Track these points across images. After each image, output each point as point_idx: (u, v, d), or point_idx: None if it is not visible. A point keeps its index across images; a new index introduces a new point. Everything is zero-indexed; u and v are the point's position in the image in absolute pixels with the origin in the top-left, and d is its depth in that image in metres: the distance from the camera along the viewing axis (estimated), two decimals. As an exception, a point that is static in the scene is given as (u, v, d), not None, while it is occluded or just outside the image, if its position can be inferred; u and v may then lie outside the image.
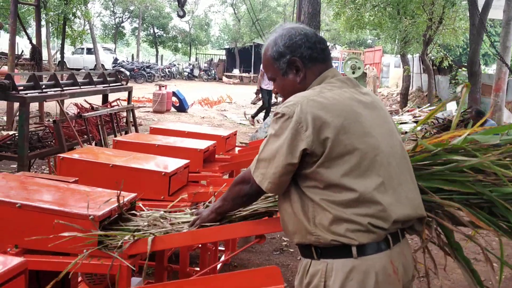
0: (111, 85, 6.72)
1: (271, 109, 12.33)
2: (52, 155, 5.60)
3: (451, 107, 12.90)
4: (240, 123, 12.34)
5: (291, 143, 1.52)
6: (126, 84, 7.36)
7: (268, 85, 11.67)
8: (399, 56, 18.12)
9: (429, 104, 13.90)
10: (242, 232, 1.88)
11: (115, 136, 6.62)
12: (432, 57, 15.81)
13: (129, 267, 1.87)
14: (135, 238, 1.93)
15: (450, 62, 15.85)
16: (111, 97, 7.22)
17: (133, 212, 2.19)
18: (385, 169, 1.55)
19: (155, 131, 4.13)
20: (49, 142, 5.57)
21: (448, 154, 1.80)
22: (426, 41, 14.12)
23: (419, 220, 1.65)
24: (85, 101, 6.84)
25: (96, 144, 6.10)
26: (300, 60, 1.67)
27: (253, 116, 12.52)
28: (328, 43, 1.77)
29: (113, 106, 7.03)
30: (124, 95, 7.23)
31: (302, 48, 1.66)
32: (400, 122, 11.93)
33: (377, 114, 1.65)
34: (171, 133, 4.05)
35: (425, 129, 10.54)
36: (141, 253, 1.95)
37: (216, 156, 3.82)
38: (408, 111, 13.65)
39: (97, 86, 6.45)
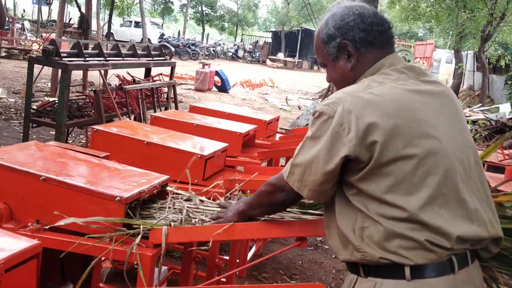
0: (154, 59, 6.60)
1: None
2: (90, 125, 5.55)
3: (505, 109, 12.22)
4: (281, 108, 12.10)
5: (330, 148, 1.31)
6: (170, 59, 7.24)
7: None
8: (451, 51, 17.36)
9: (480, 104, 13.22)
10: (282, 233, 1.67)
11: (155, 111, 6.53)
12: (489, 55, 15.00)
13: (152, 256, 1.70)
14: (157, 226, 1.76)
15: (507, 61, 15.01)
16: (154, 71, 7.13)
17: (165, 195, 2.02)
18: (448, 177, 1.29)
19: (194, 109, 3.97)
20: (88, 112, 5.52)
21: None
22: (484, 37, 13.36)
23: (495, 241, 1.38)
24: (128, 73, 6.77)
25: (135, 119, 6.03)
26: (352, 44, 1.43)
27: None
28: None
29: (155, 80, 6.93)
30: (167, 70, 7.12)
31: (355, 30, 1.42)
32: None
33: (445, 109, 1.39)
34: (211, 113, 3.87)
35: (476, 130, 10.01)
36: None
37: (256, 141, 3.61)
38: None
39: (140, 59, 6.34)
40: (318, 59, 1.55)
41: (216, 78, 13.88)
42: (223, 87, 13.85)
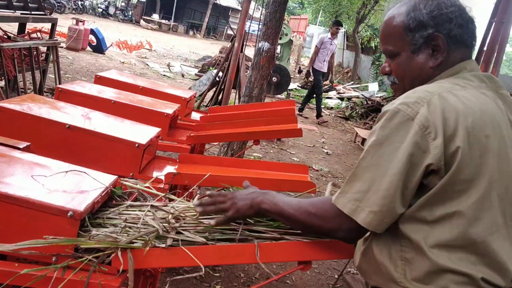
0: (33, 13, 5.69)
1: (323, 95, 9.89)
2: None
3: (374, 87, 13.20)
4: (164, 75, 11.52)
5: (411, 156, 1.10)
6: (51, 14, 6.33)
7: (322, 65, 9.15)
8: (323, 28, 18.12)
9: (352, 82, 14.11)
10: (283, 256, 1.43)
11: (33, 75, 5.68)
12: (360, 36, 15.98)
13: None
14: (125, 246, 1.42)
15: (376, 43, 16.15)
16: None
17: (120, 199, 1.66)
18: None
19: (101, 80, 3.44)
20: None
21: None
22: (359, 18, 14.16)
23: None
24: (-2, 27, 5.76)
25: (8, 83, 5.18)
26: (445, 39, 1.23)
27: (301, 109, 9.43)
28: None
29: (33, 38, 6.02)
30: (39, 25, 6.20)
31: (452, 23, 1.22)
32: (326, 96, 11.93)
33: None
34: (121, 85, 3.39)
35: (352, 107, 10.62)
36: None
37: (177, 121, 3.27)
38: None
39: (16, 12, 5.41)
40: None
41: (91, 37, 12.68)
42: (99, 47, 12.72)
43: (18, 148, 1.75)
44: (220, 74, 7.63)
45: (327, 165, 6.22)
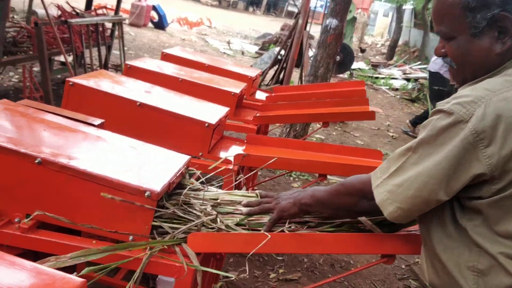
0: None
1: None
2: (28, 62, 4.78)
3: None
4: (224, 52, 11.50)
5: (457, 162, 1.00)
6: (117, -10, 6.42)
7: (443, 67, 6.08)
8: (389, 4, 17.39)
9: (419, 62, 13.50)
10: (368, 248, 1.35)
11: (99, 50, 5.79)
12: (429, 14, 15.20)
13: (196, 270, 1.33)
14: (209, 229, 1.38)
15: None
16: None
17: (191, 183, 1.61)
18: None
19: (167, 57, 3.44)
20: (25, 48, 4.72)
21: None
22: (428, -6, 13.44)
23: None
24: (67, 3, 5.90)
25: (76, 58, 5.29)
26: None
27: (414, 124, 7.00)
28: None
29: (99, 14, 6.13)
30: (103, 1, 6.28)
31: None
32: (391, 77, 11.50)
33: None
34: (187, 63, 3.37)
35: (419, 89, 10.19)
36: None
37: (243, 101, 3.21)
38: (397, 66, 13.21)
39: (85, -12, 5.50)
40: (440, 25, 1.14)
41: (153, 13, 12.85)
42: (161, 24, 12.88)
43: (93, 125, 1.74)
44: (282, 52, 7.49)
45: (393, 150, 5.98)
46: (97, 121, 1.78)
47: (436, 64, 6.35)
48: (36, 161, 1.33)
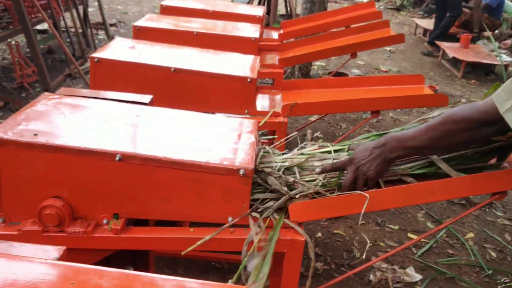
0: None
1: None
2: (13, 36, 4.49)
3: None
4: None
5: None
6: None
7: None
8: None
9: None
10: (480, 187, 1.30)
11: (77, 11, 5.45)
12: None
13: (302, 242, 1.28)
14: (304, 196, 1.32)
15: None
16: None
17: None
18: None
19: (167, 10, 3.23)
20: (5, 23, 4.41)
21: None
22: None
23: None
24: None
25: (54, 25, 4.97)
26: None
27: (432, 43, 6.73)
28: None
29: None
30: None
31: None
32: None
33: None
34: (191, 13, 3.16)
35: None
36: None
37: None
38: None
39: None
40: None
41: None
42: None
43: (144, 103, 1.62)
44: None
45: (394, 65, 5.91)
46: (146, 98, 1.66)
47: None
48: (117, 158, 1.23)
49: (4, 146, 1.23)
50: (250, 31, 2.76)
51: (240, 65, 2.17)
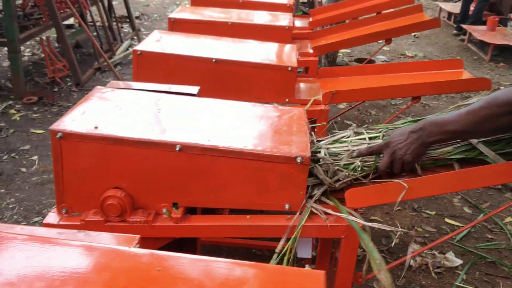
0: None
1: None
2: (42, 33, 4.57)
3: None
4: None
5: None
6: None
7: None
8: None
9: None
10: None
11: (103, 4, 5.50)
12: None
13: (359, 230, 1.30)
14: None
15: None
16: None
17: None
18: None
19: (197, 1, 3.25)
20: (35, 19, 4.49)
21: None
22: None
23: None
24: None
25: (82, 18, 5.03)
26: None
27: (459, 28, 6.10)
28: None
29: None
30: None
31: None
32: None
33: None
34: (220, 3, 3.18)
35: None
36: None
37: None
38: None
39: None
40: None
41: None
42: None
43: (193, 95, 1.65)
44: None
45: (420, 50, 5.84)
46: (194, 89, 1.69)
47: None
48: (177, 149, 1.26)
49: (67, 139, 1.27)
50: (283, 19, 2.77)
51: (279, 54, 2.19)
